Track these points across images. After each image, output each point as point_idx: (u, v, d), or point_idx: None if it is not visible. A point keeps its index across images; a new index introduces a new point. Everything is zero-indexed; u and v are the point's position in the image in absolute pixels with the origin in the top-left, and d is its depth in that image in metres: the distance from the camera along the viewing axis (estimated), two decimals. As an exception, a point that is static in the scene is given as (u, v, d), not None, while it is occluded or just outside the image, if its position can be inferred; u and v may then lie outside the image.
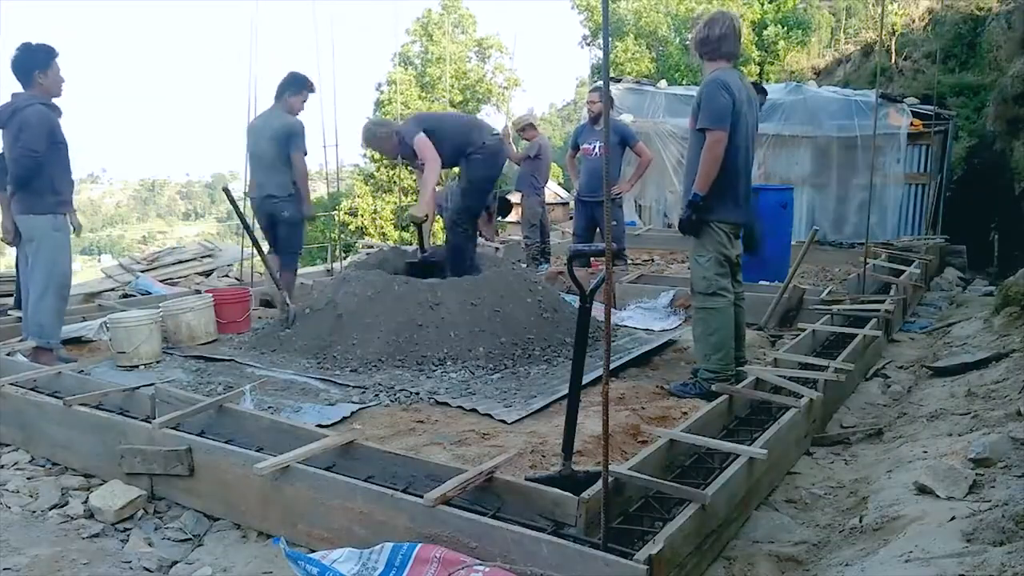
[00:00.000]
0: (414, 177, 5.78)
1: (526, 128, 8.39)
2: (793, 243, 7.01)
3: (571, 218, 10.64)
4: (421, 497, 2.29)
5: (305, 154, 5.71)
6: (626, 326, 5.54)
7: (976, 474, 2.57)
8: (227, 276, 8.48)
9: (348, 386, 4.10)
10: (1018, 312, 4.85)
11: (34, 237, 4.43)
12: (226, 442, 2.89)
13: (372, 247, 10.76)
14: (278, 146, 5.56)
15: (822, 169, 10.90)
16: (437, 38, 26.42)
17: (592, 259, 6.81)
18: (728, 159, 3.73)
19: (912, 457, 3.00)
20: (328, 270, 8.11)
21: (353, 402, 3.84)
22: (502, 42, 28.48)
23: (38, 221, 4.41)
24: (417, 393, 3.96)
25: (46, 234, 4.44)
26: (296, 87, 5.73)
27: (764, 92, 6.96)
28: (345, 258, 11.18)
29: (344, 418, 3.59)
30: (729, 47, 3.81)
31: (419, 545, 2.12)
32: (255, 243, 5.75)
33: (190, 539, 2.67)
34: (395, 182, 20.90)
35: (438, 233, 11.96)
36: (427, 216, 5.43)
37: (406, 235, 18.79)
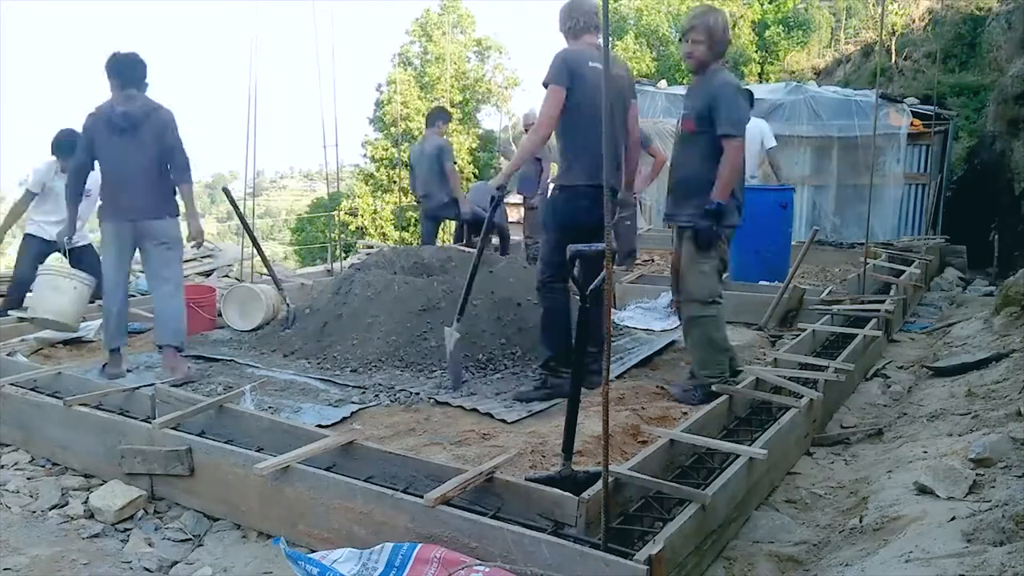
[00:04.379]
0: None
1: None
2: (793, 243, 7.01)
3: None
4: (421, 497, 2.29)
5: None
6: (626, 326, 5.54)
7: (976, 474, 2.57)
8: (227, 276, 8.48)
9: (348, 386, 4.10)
10: (1018, 312, 4.85)
11: (169, 239, 4.31)
12: (226, 442, 2.89)
13: (372, 247, 10.75)
14: None
15: (822, 169, 10.91)
16: (436, 38, 26.39)
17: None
18: None
19: (912, 457, 3.00)
20: (328, 270, 8.11)
21: (353, 402, 3.84)
22: (501, 44, 28.43)
23: (174, 224, 4.35)
24: (417, 393, 3.96)
25: (179, 238, 4.39)
26: None
27: (750, 95, 6.94)
28: (345, 258, 11.17)
29: (344, 418, 3.59)
30: None
31: (419, 545, 2.11)
32: (255, 243, 5.76)
33: (190, 539, 2.67)
34: (395, 182, 20.88)
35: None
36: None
37: (406, 235, 18.79)
